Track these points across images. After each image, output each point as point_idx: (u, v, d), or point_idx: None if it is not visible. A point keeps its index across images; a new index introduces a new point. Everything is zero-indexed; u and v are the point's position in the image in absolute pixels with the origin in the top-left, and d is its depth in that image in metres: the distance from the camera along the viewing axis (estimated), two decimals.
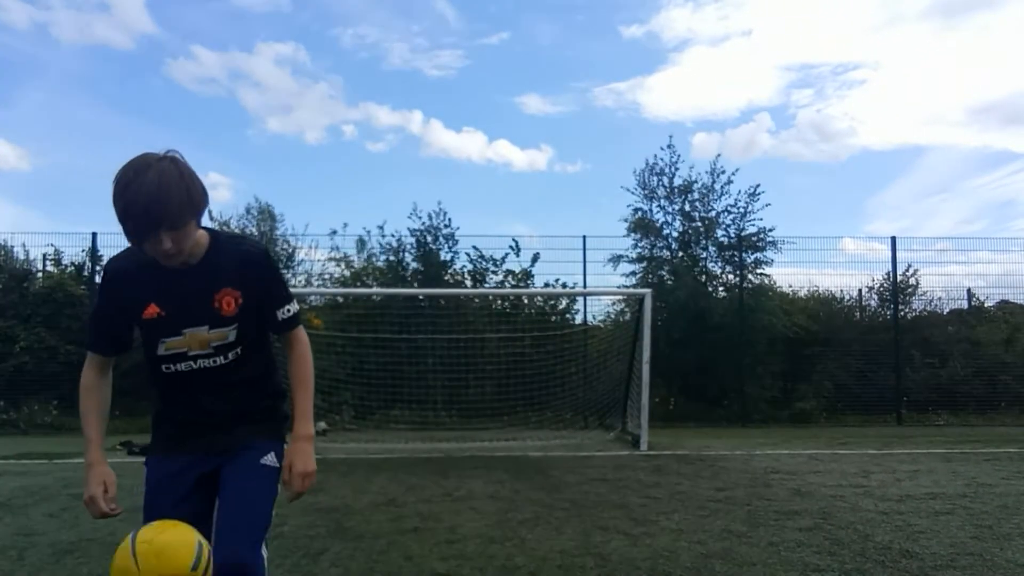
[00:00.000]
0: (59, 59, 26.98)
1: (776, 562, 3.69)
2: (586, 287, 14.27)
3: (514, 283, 14.16)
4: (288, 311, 2.04)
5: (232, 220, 14.84)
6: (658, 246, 14.95)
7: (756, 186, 14.54)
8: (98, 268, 13.98)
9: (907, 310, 15.02)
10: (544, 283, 14.13)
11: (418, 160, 28.58)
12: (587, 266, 14.21)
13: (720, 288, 14.86)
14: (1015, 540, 4.12)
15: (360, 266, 14.43)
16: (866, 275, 15.38)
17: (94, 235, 13.84)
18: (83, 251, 13.99)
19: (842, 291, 15.48)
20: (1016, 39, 27.96)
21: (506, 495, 5.75)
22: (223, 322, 1.92)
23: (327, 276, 14.32)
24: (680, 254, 14.81)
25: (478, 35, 29.37)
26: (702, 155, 33.50)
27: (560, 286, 14.07)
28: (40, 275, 14.35)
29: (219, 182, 27.55)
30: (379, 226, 14.43)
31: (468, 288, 14.08)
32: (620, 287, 14.54)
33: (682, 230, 14.84)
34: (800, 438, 10.66)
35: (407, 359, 11.59)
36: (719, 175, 14.71)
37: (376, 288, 13.80)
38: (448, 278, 14.12)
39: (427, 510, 5.14)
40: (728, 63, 29.19)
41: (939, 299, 15.35)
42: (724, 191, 14.71)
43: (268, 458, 2.01)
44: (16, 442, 10.52)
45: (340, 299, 12.88)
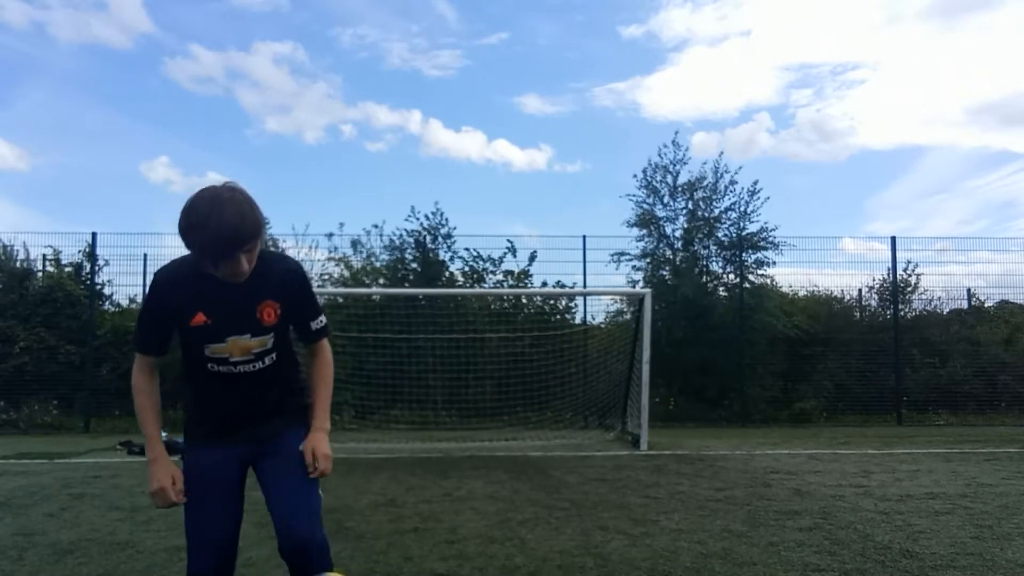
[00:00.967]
0: (57, 58, 27.02)
1: (776, 562, 3.69)
2: (586, 287, 14.26)
3: (512, 283, 14.16)
4: (320, 322, 2.28)
5: None
6: (661, 244, 14.94)
7: (755, 182, 14.56)
8: (97, 268, 13.99)
9: (907, 310, 15.02)
10: (542, 283, 14.13)
11: (417, 160, 28.64)
12: (587, 266, 14.24)
13: (720, 288, 14.86)
14: (1015, 540, 4.12)
15: (359, 266, 14.42)
16: (866, 275, 15.41)
17: (93, 235, 13.85)
18: (80, 252, 14.00)
19: (842, 291, 15.51)
20: (1015, 39, 27.99)
21: (506, 495, 5.75)
22: (263, 331, 2.13)
23: (327, 276, 14.31)
24: (682, 253, 14.79)
25: (477, 35, 29.42)
26: (702, 155, 33.60)
27: (560, 286, 14.08)
28: (40, 275, 14.35)
29: (218, 182, 27.52)
30: (375, 225, 14.47)
31: (467, 288, 14.08)
32: (621, 286, 14.54)
33: (686, 228, 14.82)
34: (800, 438, 10.66)
35: (407, 359, 11.59)
36: (723, 174, 14.76)
37: (376, 288, 13.80)
38: (446, 278, 14.11)
39: (427, 510, 5.14)
40: (727, 63, 29.27)
41: (939, 299, 15.38)
42: (728, 190, 14.73)
43: (304, 445, 2.19)
44: (16, 442, 10.52)
45: (340, 299, 12.88)
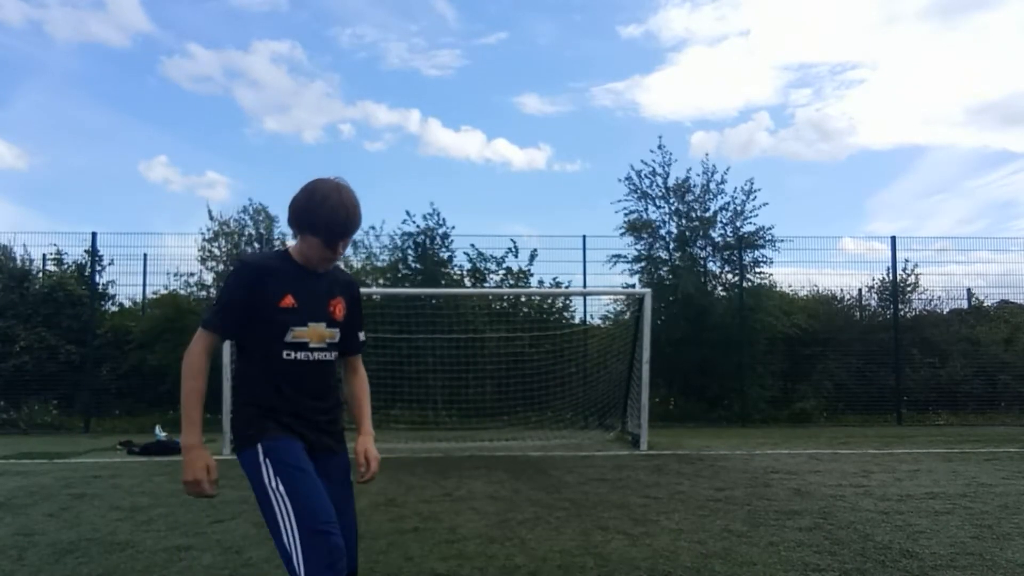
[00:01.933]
0: (54, 57, 27.04)
1: (776, 562, 3.69)
2: (586, 287, 14.26)
3: (512, 283, 14.16)
4: (364, 335, 2.44)
5: (231, 220, 14.81)
6: (656, 246, 14.91)
7: (750, 181, 14.52)
8: (98, 267, 13.99)
9: (907, 310, 15.01)
10: (540, 282, 14.12)
11: (416, 159, 28.66)
12: (587, 266, 14.25)
13: (719, 288, 14.84)
14: (1015, 540, 4.12)
15: (359, 266, 14.42)
16: (866, 275, 15.47)
17: (94, 235, 13.86)
18: (84, 251, 14.00)
19: (842, 291, 15.53)
20: (1015, 39, 27.99)
21: (506, 495, 5.75)
22: (334, 324, 2.26)
23: None
24: (678, 254, 14.77)
25: (476, 35, 29.44)
26: (701, 154, 33.53)
27: (559, 286, 14.07)
28: (40, 275, 14.35)
29: (216, 181, 27.55)
30: (372, 226, 14.47)
31: (467, 288, 14.07)
32: (620, 287, 14.54)
33: (679, 230, 14.80)
34: (800, 438, 10.66)
35: (407, 359, 11.58)
36: (712, 174, 14.71)
37: (376, 288, 13.80)
38: (446, 278, 14.11)
39: (427, 510, 5.14)
40: (726, 63, 29.27)
41: (939, 299, 15.38)
42: (719, 190, 14.68)
43: (350, 475, 2.38)
44: (16, 442, 10.52)
45: None
